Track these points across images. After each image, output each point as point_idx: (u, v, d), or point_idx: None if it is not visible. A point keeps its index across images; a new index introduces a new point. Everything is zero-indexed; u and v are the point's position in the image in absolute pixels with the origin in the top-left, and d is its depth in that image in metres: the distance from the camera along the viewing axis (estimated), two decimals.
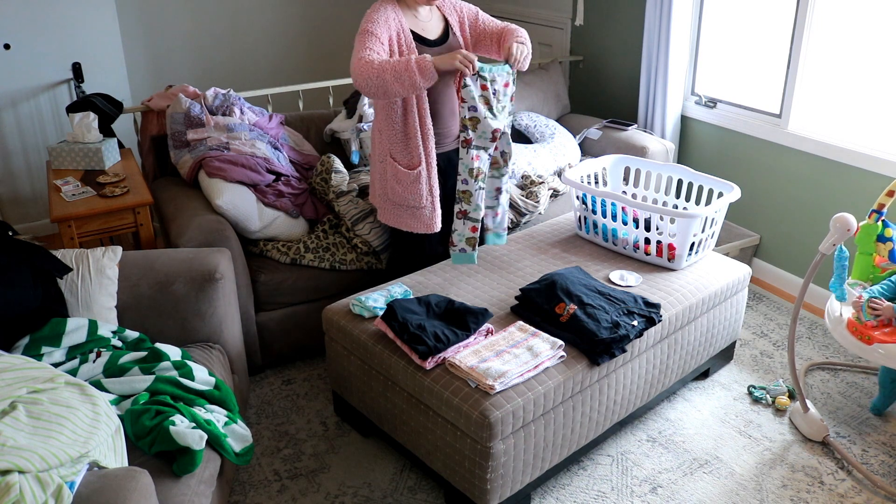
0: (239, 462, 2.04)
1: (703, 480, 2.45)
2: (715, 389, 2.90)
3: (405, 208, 2.69)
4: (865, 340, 2.36)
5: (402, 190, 2.65)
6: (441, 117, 2.70)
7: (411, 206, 2.67)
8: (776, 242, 3.67)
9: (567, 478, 2.46)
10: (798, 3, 3.29)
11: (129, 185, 2.97)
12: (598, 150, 3.84)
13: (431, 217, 2.70)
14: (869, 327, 2.37)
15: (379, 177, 2.72)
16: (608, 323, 2.32)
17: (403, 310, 2.28)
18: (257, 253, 2.95)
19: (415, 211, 2.69)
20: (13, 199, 4.15)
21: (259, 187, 3.01)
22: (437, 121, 2.68)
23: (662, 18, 3.75)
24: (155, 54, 4.85)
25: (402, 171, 2.63)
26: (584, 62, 4.59)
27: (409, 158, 2.63)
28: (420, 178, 2.63)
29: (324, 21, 5.42)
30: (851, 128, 3.26)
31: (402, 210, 2.70)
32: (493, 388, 2.04)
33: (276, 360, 3.02)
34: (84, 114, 3.15)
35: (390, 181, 2.67)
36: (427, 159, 2.63)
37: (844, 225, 2.40)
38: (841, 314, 2.50)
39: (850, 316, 2.45)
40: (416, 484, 2.43)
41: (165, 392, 1.98)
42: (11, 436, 1.52)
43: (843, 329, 2.45)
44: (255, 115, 3.37)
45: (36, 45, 3.93)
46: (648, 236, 2.75)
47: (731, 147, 3.78)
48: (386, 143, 2.65)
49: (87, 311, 2.17)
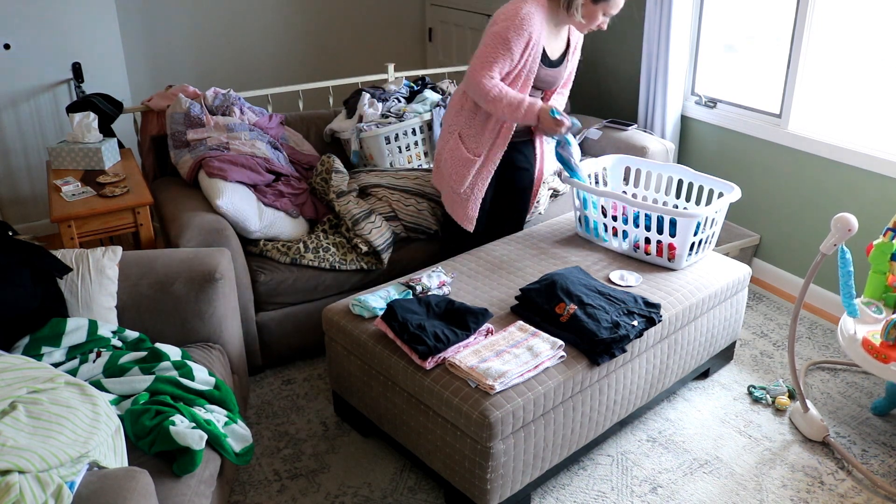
0: (239, 462, 2.04)
1: (703, 480, 2.45)
2: (715, 389, 2.90)
3: (448, 186, 2.85)
4: (882, 359, 2.37)
5: (452, 164, 2.79)
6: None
7: (452, 187, 2.82)
8: (776, 242, 3.67)
9: (567, 478, 2.46)
10: (798, 3, 3.29)
11: (129, 185, 2.97)
12: (598, 150, 3.84)
13: (461, 208, 2.84)
14: (886, 346, 2.38)
15: (443, 143, 2.85)
16: (608, 323, 2.32)
17: (403, 310, 2.28)
18: (257, 253, 2.95)
19: (452, 194, 2.84)
20: (13, 199, 4.15)
21: (259, 187, 3.01)
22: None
23: (662, 18, 3.75)
24: (155, 54, 4.85)
25: (461, 151, 2.76)
26: (584, 62, 4.57)
27: (475, 146, 2.76)
28: (472, 166, 2.76)
29: (324, 21, 5.42)
30: (851, 128, 3.26)
31: (443, 181, 2.87)
32: (493, 388, 2.04)
33: (276, 360, 3.02)
34: (84, 114, 3.15)
35: (447, 154, 2.80)
36: (488, 156, 2.77)
37: (845, 225, 2.40)
38: (855, 332, 2.51)
39: (865, 335, 2.46)
40: (416, 484, 2.43)
41: (165, 392, 1.98)
42: (11, 436, 1.52)
43: (859, 347, 2.46)
44: (255, 115, 3.37)
45: (36, 45, 3.93)
46: (648, 236, 2.75)
47: (731, 147, 3.78)
48: (462, 119, 2.77)
49: (87, 311, 2.17)
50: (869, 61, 3.16)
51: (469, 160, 2.77)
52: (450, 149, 2.80)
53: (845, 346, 2.51)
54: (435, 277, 2.58)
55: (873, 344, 2.40)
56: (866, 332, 2.47)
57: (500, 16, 2.58)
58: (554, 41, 2.71)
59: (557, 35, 2.71)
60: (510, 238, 2.98)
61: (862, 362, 2.43)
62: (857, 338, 2.49)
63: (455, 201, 2.87)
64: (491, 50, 2.55)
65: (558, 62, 2.76)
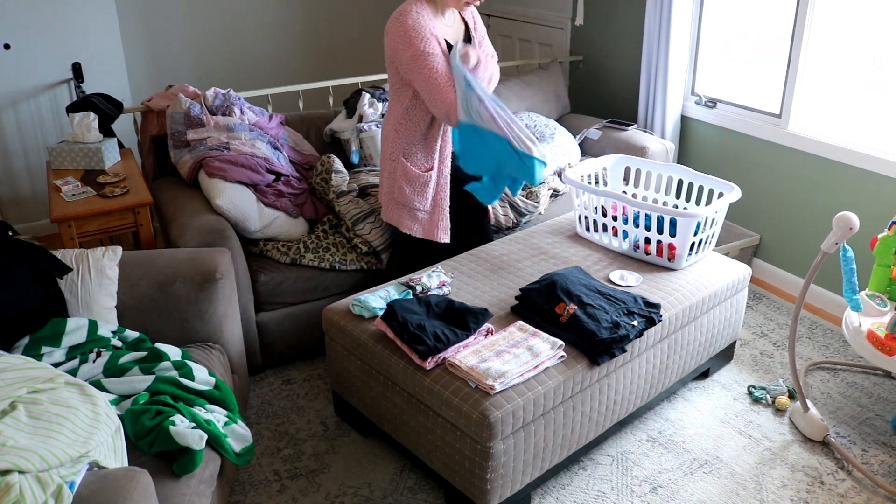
0: (239, 462, 2.04)
1: (703, 480, 2.45)
2: (715, 389, 2.90)
3: (407, 209, 2.69)
4: (887, 351, 2.37)
5: (409, 191, 2.66)
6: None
7: (414, 209, 2.68)
8: (776, 242, 3.67)
9: (567, 478, 2.46)
10: (798, 3, 3.29)
11: (129, 185, 2.97)
12: (598, 150, 3.84)
13: (431, 224, 2.73)
14: (890, 338, 2.38)
15: (388, 175, 2.73)
16: (608, 323, 2.32)
17: (403, 310, 2.28)
18: (257, 253, 2.95)
19: (416, 213, 2.70)
20: (13, 199, 4.16)
21: (259, 187, 3.01)
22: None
23: (662, 18, 3.75)
24: (155, 54, 4.85)
25: (412, 172, 2.64)
26: (584, 62, 4.58)
27: (424, 161, 2.65)
28: (429, 181, 2.64)
29: (324, 21, 5.42)
30: (851, 128, 3.26)
31: (402, 210, 2.70)
32: (493, 388, 2.04)
33: (276, 360, 3.02)
34: (84, 114, 3.15)
35: (399, 180, 2.68)
36: (440, 165, 2.65)
37: (847, 223, 2.40)
38: (860, 325, 2.51)
39: (869, 327, 2.46)
40: (416, 484, 2.43)
41: (165, 392, 1.98)
42: (11, 436, 1.52)
43: (864, 340, 2.46)
44: (255, 115, 3.37)
45: (36, 45, 3.93)
46: (648, 236, 2.75)
47: (731, 147, 3.78)
48: (402, 143, 2.66)
49: (87, 311, 2.17)
50: (869, 61, 3.16)
51: (423, 176, 2.66)
52: (399, 175, 2.66)
53: (850, 339, 2.51)
54: (435, 277, 2.58)
55: (878, 336, 2.41)
56: (871, 325, 2.47)
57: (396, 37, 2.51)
58: (449, 29, 2.66)
59: (449, 23, 2.67)
60: (510, 238, 2.98)
61: (867, 354, 2.43)
62: (861, 330, 2.49)
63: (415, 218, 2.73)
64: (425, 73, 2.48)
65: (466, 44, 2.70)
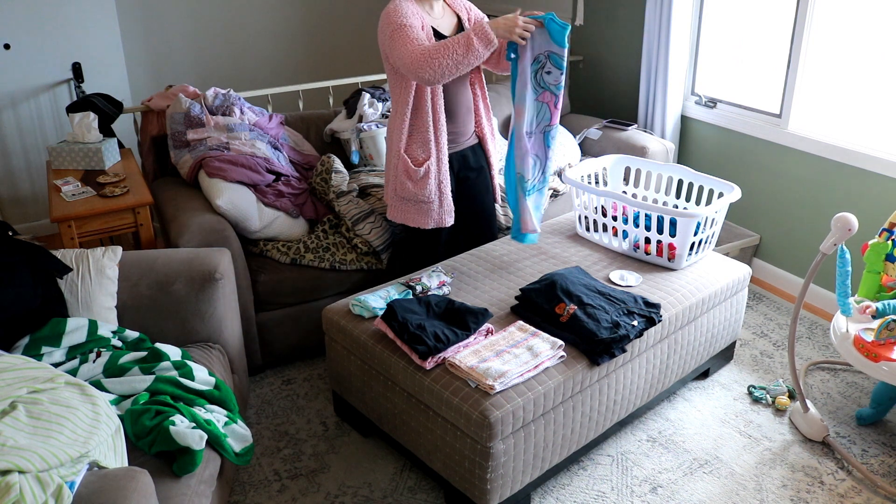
0: (239, 462, 2.04)
1: (703, 480, 2.45)
2: (715, 389, 2.90)
3: (413, 203, 2.70)
4: (872, 357, 2.37)
5: (411, 185, 2.67)
6: (457, 115, 2.71)
7: (419, 202, 2.69)
8: (776, 242, 3.67)
9: (567, 478, 2.46)
10: (798, 3, 3.29)
11: (129, 185, 2.97)
12: (598, 150, 3.84)
13: (440, 212, 2.73)
14: (876, 345, 2.38)
15: (392, 174, 2.73)
16: (608, 323, 2.32)
17: (403, 310, 2.28)
18: (257, 253, 2.95)
19: (422, 206, 2.70)
20: (13, 199, 4.16)
21: (259, 187, 3.01)
22: (453, 118, 2.70)
23: (662, 18, 3.75)
24: (155, 54, 4.85)
25: (412, 167, 2.65)
26: (584, 62, 4.58)
27: (420, 153, 2.65)
28: (429, 172, 2.64)
29: (324, 21, 5.42)
30: (851, 128, 3.26)
31: (409, 205, 2.71)
32: (493, 388, 2.04)
33: (276, 360, 3.02)
34: (84, 114, 3.15)
35: (401, 177, 2.68)
36: (438, 154, 2.65)
37: (846, 224, 2.40)
38: (847, 330, 2.51)
39: (856, 332, 2.46)
40: (416, 484, 2.43)
41: (165, 392, 1.98)
42: (11, 436, 1.52)
43: (850, 345, 2.46)
44: (255, 115, 3.37)
45: (36, 45, 3.93)
46: (648, 236, 2.75)
47: (731, 147, 3.78)
48: (401, 139, 2.66)
49: (87, 311, 2.17)
50: (869, 61, 3.16)
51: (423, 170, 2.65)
52: (402, 171, 2.67)
53: (837, 344, 2.52)
54: (435, 277, 2.58)
55: (864, 342, 2.41)
56: (858, 331, 2.47)
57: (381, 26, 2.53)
58: (438, 21, 2.65)
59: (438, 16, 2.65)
60: (510, 238, 2.98)
61: (852, 360, 2.43)
62: (848, 335, 2.49)
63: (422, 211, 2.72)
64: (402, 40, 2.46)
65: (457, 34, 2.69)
